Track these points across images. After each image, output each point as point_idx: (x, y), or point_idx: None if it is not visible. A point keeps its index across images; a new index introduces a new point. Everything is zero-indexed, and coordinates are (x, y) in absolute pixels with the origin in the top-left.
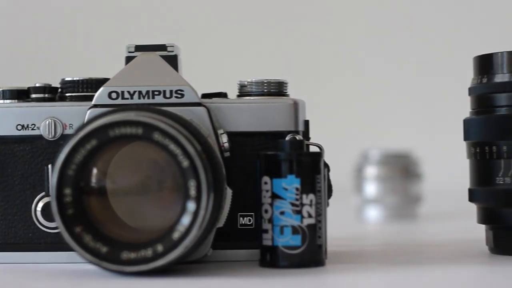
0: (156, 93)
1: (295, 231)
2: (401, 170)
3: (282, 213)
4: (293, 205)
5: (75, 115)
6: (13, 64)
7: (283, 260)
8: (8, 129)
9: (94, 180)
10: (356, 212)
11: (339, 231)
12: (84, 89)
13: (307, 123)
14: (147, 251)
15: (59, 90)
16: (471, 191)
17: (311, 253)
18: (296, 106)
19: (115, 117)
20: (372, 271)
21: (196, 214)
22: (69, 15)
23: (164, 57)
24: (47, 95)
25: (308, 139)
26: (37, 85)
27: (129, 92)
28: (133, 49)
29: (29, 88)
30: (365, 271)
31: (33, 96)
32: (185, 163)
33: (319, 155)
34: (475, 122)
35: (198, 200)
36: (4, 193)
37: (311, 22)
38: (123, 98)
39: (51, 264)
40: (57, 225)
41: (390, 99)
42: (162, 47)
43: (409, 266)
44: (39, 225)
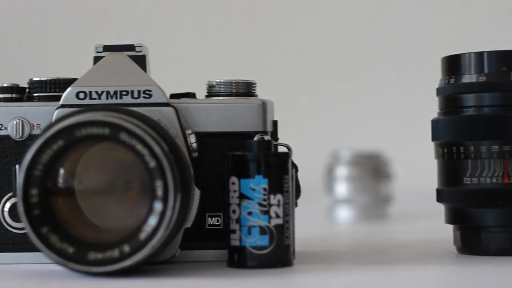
0: (124, 93)
1: (263, 231)
2: (372, 170)
3: (249, 213)
4: (260, 205)
5: (42, 115)
6: None
7: (251, 260)
8: None
9: (61, 180)
10: (326, 212)
11: (309, 231)
12: (52, 89)
13: (275, 123)
14: (114, 251)
15: (27, 90)
16: (439, 191)
17: (279, 253)
18: (264, 106)
19: (82, 118)
20: (340, 271)
21: (163, 214)
22: (37, 15)
23: (132, 57)
24: (14, 95)
25: (276, 139)
26: (5, 85)
27: (97, 92)
28: (101, 49)
29: None
30: (333, 271)
31: (1, 96)
32: (152, 164)
33: (287, 156)
34: (443, 122)
35: (165, 200)
36: None
37: (279, 21)
38: (91, 98)
39: (18, 264)
40: (24, 226)
41: (360, 100)
42: (130, 47)
43: (378, 266)
44: (6, 226)
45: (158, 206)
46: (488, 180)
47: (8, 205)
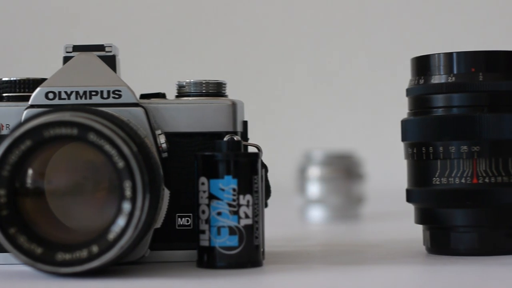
0: (93, 93)
1: (232, 231)
2: (344, 170)
3: (219, 213)
4: (230, 205)
5: (12, 116)
6: None
7: (220, 260)
8: None
9: (29, 181)
10: (299, 212)
11: (281, 231)
12: (21, 89)
13: (245, 123)
14: (82, 252)
15: None
16: (408, 191)
17: (248, 254)
18: (234, 106)
19: (50, 118)
20: (310, 271)
21: (131, 215)
22: (6, 15)
23: (102, 58)
24: None
25: (246, 139)
26: None
27: (66, 92)
28: (71, 49)
29: None
30: (302, 271)
31: None
32: (121, 164)
33: (256, 156)
34: (412, 123)
35: (133, 201)
36: None
37: (250, 22)
38: (60, 98)
39: None
40: None
41: (332, 100)
42: (100, 47)
43: (348, 266)
44: None
45: (126, 206)
46: (457, 180)
47: None
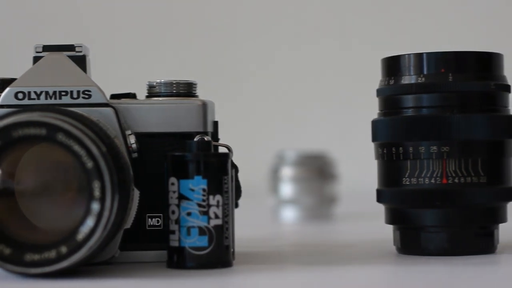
0: (63, 93)
1: (202, 232)
2: (317, 171)
3: (189, 214)
4: (200, 206)
5: None
6: None
7: (190, 261)
8: None
9: None
10: (271, 212)
11: (254, 231)
12: None
13: (216, 124)
14: (50, 252)
15: None
16: (379, 191)
17: (218, 254)
18: (204, 107)
19: (19, 118)
20: (279, 272)
21: (100, 215)
22: None
23: (72, 58)
24: None
25: (217, 140)
26: None
27: (35, 92)
28: (40, 49)
29: None
30: (273, 272)
31: None
32: (89, 164)
33: (226, 156)
34: (382, 123)
35: (102, 201)
36: None
37: (221, 21)
38: (30, 98)
39: None
40: None
41: (305, 100)
42: (70, 47)
43: (319, 266)
44: None
45: (95, 207)
46: (426, 180)
47: None
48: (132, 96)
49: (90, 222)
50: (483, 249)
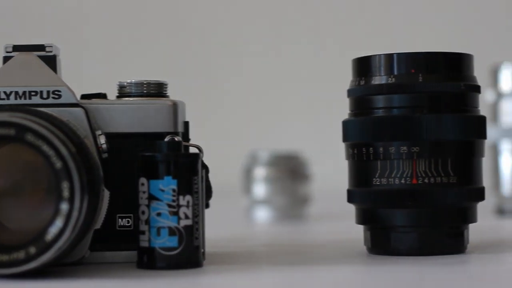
0: (33, 93)
1: (172, 232)
2: (289, 171)
3: (158, 214)
4: (169, 206)
5: None
6: None
7: (160, 261)
8: None
9: None
10: (244, 212)
11: (227, 232)
12: None
13: (187, 124)
14: (19, 253)
15: None
16: (349, 192)
17: (188, 255)
18: (175, 107)
19: None
20: (249, 272)
21: (69, 215)
22: None
23: (42, 58)
24: None
25: (187, 140)
26: None
27: (5, 92)
28: (10, 49)
29: None
30: (243, 272)
31: None
32: (58, 165)
33: (196, 156)
34: (353, 123)
35: (71, 201)
36: None
37: (192, 21)
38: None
39: None
40: None
41: (278, 101)
42: (40, 47)
43: (290, 266)
44: None
45: (64, 207)
46: (397, 180)
47: None
48: (102, 96)
49: (59, 222)
50: (453, 249)
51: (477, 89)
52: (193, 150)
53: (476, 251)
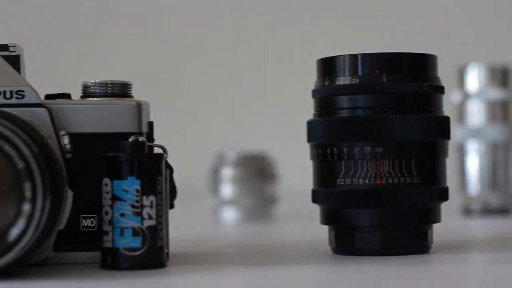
0: None
1: (136, 233)
2: (257, 171)
3: (122, 214)
4: (133, 206)
5: None
6: None
7: (123, 262)
8: None
9: None
10: (211, 213)
11: (194, 232)
12: None
13: (151, 124)
14: None
15: None
16: (314, 192)
17: (152, 255)
18: (139, 107)
19: None
20: (213, 272)
21: (31, 216)
22: None
23: (5, 57)
24: None
25: (152, 140)
26: None
27: None
28: None
29: None
30: (206, 272)
31: None
32: (21, 165)
33: (160, 157)
34: (317, 124)
35: (33, 202)
36: None
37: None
38: None
39: None
40: None
41: (245, 101)
42: (4, 47)
43: (255, 267)
44: None
45: (26, 207)
46: (361, 181)
47: None
48: (66, 96)
49: (21, 223)
50: (417, 249)
51: (441, 90)
52: (157, 150)
53: (440, 251)
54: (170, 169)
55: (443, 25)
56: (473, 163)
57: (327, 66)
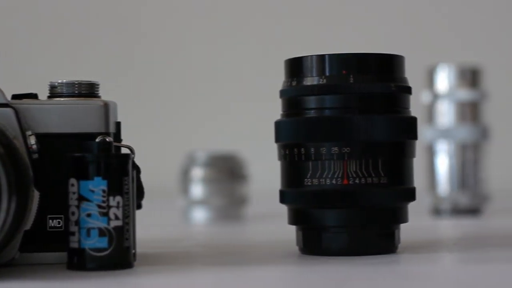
0: None
1: (102, 233)
2: (227, 171)
3: (89, 215)
4: (100, 207)
5: None
6: None
7: (90, 262)
8: None
9: None
10: (182, 213)
11: (164, 232)
12: None
13: (118, 124)
14: None
15: None
16: (282, 192)
17: (119, 255)
18: (106, 107)
19: None
20: (180, 272)
21: None
22: None
23: None
24: None
25: (119, 141)
26: None
27: None
28: None
29: None
30: (172, 272)
31: None
32: None
33: (126, 157)
34: (285, 124)
35: None
36: None
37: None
38: None
39: None
40: None
41: (215, 101)
42: None
43: (223, 267)
44: None
45: None
46: (328, 181)
47: None
48: (33, 96)
49: None
50: (384, 249)
51: (408, 90)
52: (125, 150)
53: (407, 251)
54: (137, 169)
55: (413, 25)
56: (443, 164)
57: (295, 66)
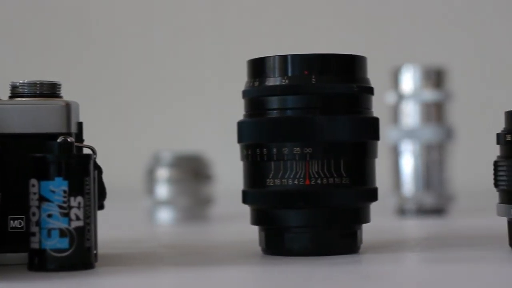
0: None
1: (63, 234)
2: (192, 172)
3: (49, 215)
4: (60, 207)
5: None
6: None
7: (51, 263)
8: None
9: None
10: (147, 214)
11: (128, 233)
12: None
13: (80, 125)
14: None
15: None
16: (244, 193)
17: (80, 256)
18: (68, 108)
19: None
20: (142, 273)
21: None
22: None
23: None
24: None
25: (81, 141)
26: None
27: None
28: None
29: None
30: (134, 273)
31: None
32: None
33: (88, 157)
34: (247, 124)
35: None
36: None
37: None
38: None
39: None
40: None
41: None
42: None
43: (186, 267)
44: None
45: None
46: (290, 181)
47: None
48: None
49: None
50: (346, 249)
51: (370, 91)
52: (86, 151)
53: (369, 251)
54: (99, 169)
55: (378, 26)
56: (408, 164)
57: (257, 66)
